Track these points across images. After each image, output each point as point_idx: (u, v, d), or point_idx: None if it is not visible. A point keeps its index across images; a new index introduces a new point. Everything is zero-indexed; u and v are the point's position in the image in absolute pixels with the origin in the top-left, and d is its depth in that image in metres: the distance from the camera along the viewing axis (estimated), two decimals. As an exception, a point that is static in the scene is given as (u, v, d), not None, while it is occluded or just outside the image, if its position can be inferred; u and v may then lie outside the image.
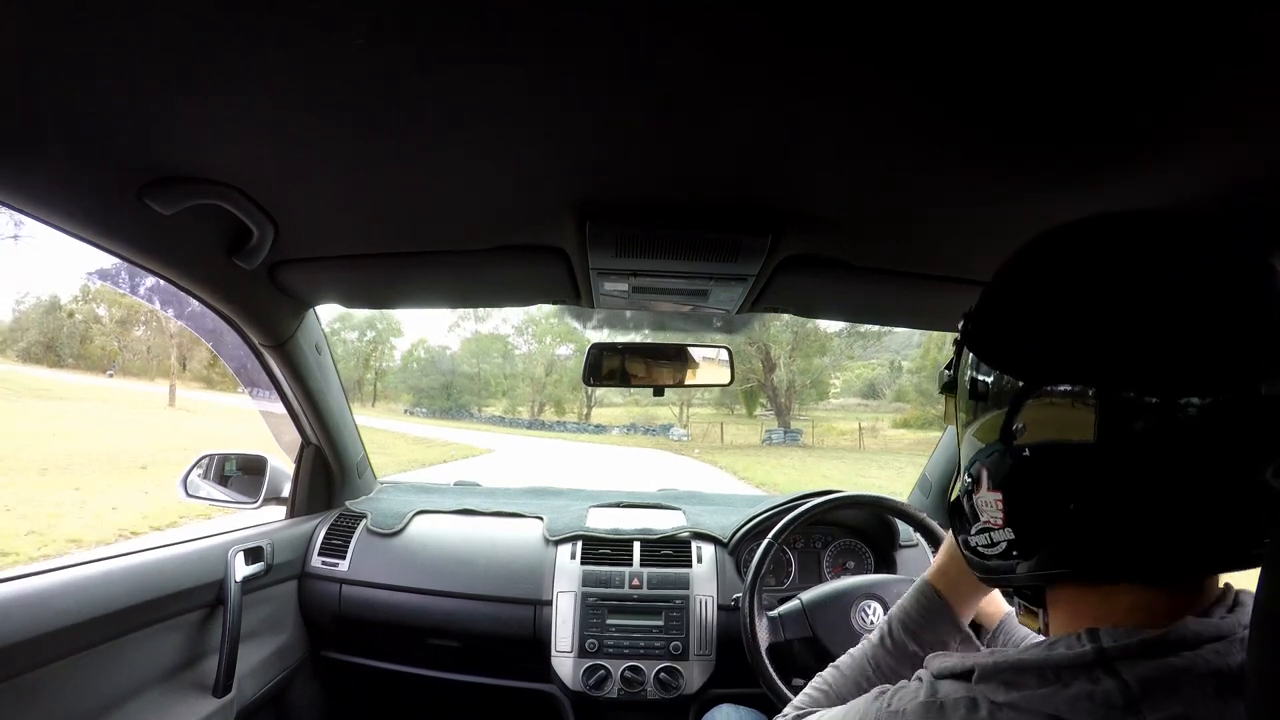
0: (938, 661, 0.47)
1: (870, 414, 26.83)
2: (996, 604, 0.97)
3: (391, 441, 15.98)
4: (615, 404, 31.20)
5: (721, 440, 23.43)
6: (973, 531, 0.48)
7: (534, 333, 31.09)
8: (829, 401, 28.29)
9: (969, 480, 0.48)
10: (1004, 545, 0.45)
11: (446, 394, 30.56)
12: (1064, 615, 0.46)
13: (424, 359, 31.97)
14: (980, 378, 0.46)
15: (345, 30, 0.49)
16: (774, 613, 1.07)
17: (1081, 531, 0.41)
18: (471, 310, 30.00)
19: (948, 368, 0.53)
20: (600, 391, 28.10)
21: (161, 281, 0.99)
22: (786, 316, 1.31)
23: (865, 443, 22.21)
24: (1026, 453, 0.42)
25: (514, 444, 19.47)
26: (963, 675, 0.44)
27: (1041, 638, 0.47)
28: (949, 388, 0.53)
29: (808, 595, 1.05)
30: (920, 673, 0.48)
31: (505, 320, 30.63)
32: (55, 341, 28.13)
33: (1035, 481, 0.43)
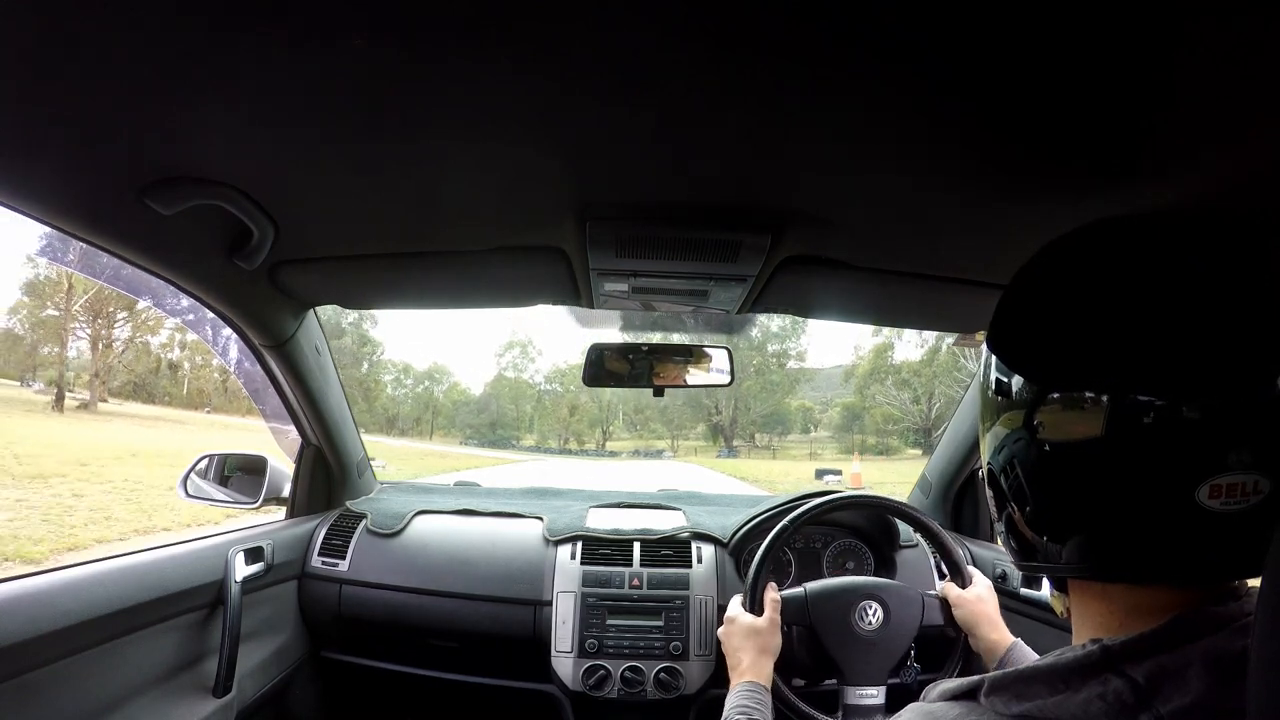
0: (937, 690, 0.48)
1: (822, 445, 38.91)
2: (1001, 632, 0.97)
3: (472, 459, 24.14)
4: (623, 438, 43.31)
5: (696, 455, 36.74)
6: (1003, 515, 0.49)
7: (562, 382, 42.44)
8: (810, 434, 39.79)
9: (1002, 465, 0.48)
10: (1027, 534, 0.46)
11: (493, 429, 40.58)
12: (1078, 606, 0.47)
13: (473, 401, 42.27)
14: (1001, 377, 0.47)
15: (345, 31, 0.49)
16: (781, 591, 1.06)
17: (1091, 530, 0.42)
18: (511, 361, 41.92)
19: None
20: (612, 426, 42.82)
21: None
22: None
23: (780, 456, 35.03)
24: (1046, 448, 0.43)
25: (553, 461, 28.47)
26: (966, 695, 0.44)
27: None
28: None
29: (813, 585, 1.05)
30: (911, 705, 0.48)
31: (538, 371, 42.65)
32: (147, 383, 31.03)
33: (1052, 477, 0.43)
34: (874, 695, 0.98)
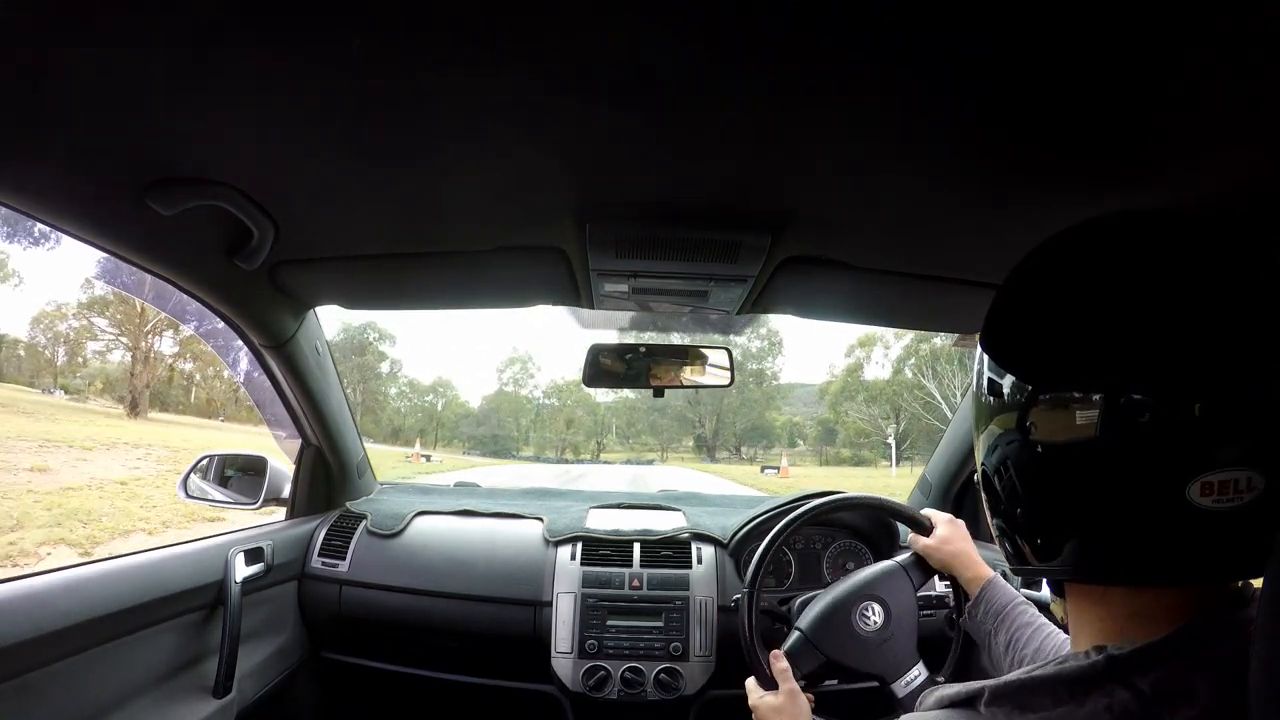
0: (934, 697, 0.47)
1: (801, 456, 41.90)
2: (977, 567, 0.97)
3: (484, 464, 26.95)
4: (617, 450, 46.17)
5: (683, 463, 39.94)
6: (997, 519, 0.49)
7: (559, 397, 45.14)
8: (797, 446, 42.96)
9: (995, 466, 0.47)
10: (1022, 537, 0.46)
11: (494, 440, 44.19)
12: (1076, 610, 0.46)
13: (473, 415, 45.64)
14: (993, 377, 0.47)
15: (344, 32, 0.49)
16: (783, 649, 1.04)
17: (1085, 532, 0.41)
18: (512, 376, 44.68)
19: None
20: (606, 439, 45.61)
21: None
22: (711, 396, 1.34)
23: (761, 465, 36.85)
24: (1039, 449, 0.42)
25: (552, 468, 30.83)
26: (965, 703, 0.43)
27: (1045, 656, 0.47)
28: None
29: (806, 622, 1.03)
30: (907, 716, 0.47)
31: (536, 386, 45.87)
32: (161, 393, 31.68)
33: (1045, 478, 0.43)
34: (917, 675, 0.99)
